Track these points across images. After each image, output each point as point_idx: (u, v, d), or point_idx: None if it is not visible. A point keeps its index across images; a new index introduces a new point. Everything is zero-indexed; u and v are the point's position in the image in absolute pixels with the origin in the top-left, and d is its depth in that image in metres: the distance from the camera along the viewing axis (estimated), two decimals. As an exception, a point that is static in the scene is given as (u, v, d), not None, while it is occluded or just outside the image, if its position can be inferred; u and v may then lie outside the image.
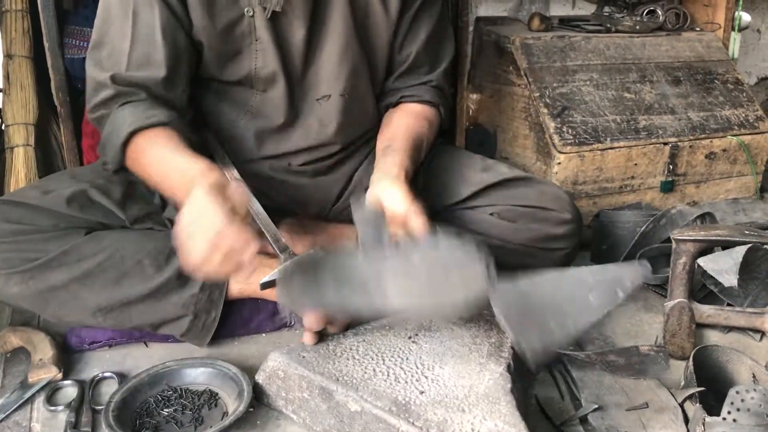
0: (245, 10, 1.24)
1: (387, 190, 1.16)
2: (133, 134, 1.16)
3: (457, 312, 1.11)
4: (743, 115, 2.13)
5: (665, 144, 1.98)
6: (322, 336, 1.19)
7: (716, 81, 2.18)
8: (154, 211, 1.29)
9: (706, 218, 1.67)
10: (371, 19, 1.35)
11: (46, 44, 1.67)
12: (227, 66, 1.29)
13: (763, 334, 1.40)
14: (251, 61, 1.29)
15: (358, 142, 1.46)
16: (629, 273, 1.04)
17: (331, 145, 1.40)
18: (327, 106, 1.36)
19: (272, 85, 1.31)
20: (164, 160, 1.14)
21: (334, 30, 1.31)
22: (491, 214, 1.38)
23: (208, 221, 0.93)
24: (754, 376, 1.15)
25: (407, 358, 1.13)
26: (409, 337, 1.19)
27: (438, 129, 1.47)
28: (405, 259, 1.08)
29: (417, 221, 1.11)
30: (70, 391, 1.20)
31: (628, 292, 0.99)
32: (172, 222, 1.29)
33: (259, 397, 1.16)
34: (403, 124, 1.37)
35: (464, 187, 1.41)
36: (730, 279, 1.29)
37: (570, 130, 1.89)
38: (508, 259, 1.25)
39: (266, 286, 1.21)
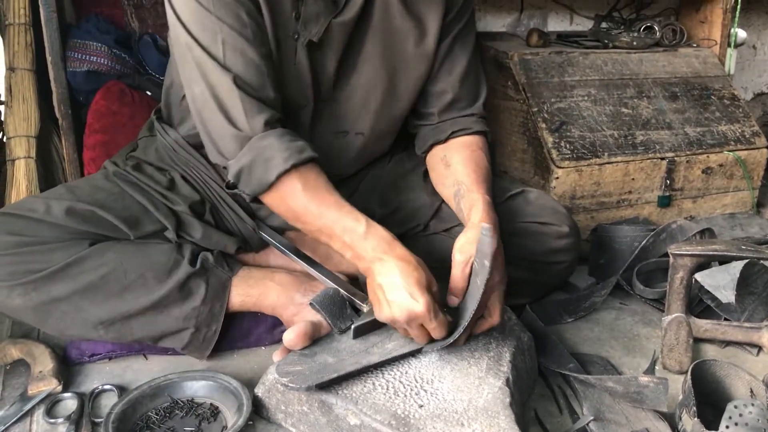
0: (292, 32, 1.24)
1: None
2: (287, 170, 1.15)
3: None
4: (739, 130, 2.14)
5: (662, 159, 1.99)
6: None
7: (713, 96, 2.20)
8: (159, 229, 1.29)
9: (706, 234, 1.68)
10: (405, 54, 1.34)
11: (48, 57, 1.68)
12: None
13: (760, 348, 1.41)
14: (287, 84, 1.28)
15: (365, 168, 1.48)
16: (484, 246, 1.12)
17: (336, 174, 1.42)
18: (340, 141, 1.37)
19: (300, 110, 1.32)
20: (326, 214, 1.15)
21: (362, 66, 1.32)
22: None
23: (409, 303, 1.06)
24: (751, 391, 1.16)
25: (406, 372, 1.13)
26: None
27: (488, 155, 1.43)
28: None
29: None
30: (69, 403, 1.20)
31: (489, 257, 1.10)
32: (176, 241, 1.30)
33: (258, 411, 1.16)
34: (464, 161, 1.34)
35: None
36: (727, 294, 1.30)
37: (568, 145, 1.90)
38: (508, 274, 1.25)
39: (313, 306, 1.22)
